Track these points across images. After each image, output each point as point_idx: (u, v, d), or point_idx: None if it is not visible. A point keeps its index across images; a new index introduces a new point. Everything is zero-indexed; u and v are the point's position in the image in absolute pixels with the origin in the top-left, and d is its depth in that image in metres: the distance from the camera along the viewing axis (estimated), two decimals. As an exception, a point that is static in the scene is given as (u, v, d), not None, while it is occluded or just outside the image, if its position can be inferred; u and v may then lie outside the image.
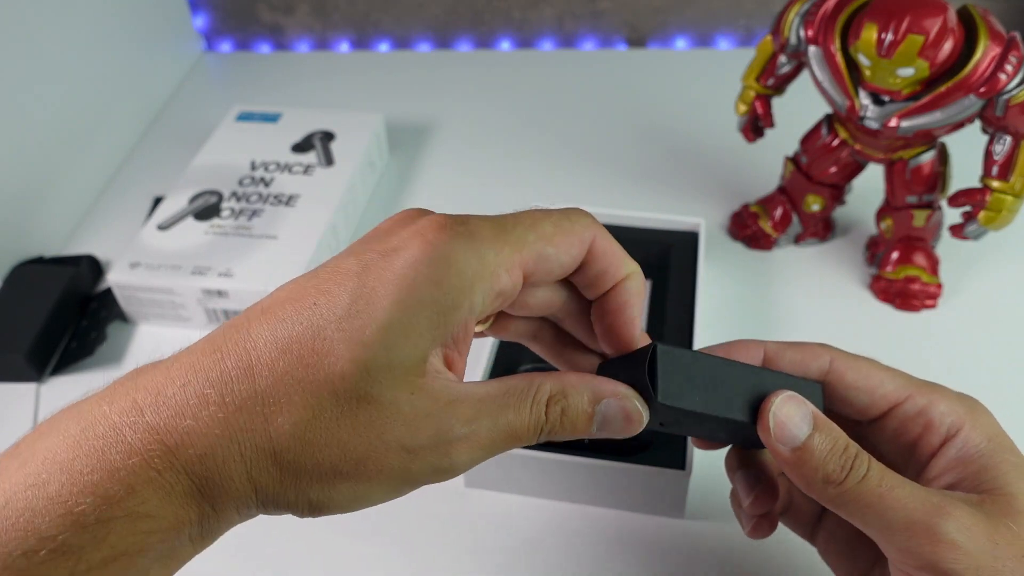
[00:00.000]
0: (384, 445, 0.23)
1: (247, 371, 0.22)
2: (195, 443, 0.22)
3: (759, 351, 0.31)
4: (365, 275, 0.23)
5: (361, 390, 0.23)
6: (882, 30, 0.44)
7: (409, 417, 0.23)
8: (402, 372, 0.23)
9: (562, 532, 0.43)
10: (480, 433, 0.25)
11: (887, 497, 0.26)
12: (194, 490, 0.22)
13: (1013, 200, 0.47)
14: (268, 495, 0.23)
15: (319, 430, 0.22)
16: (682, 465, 0.41)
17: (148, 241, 0.56)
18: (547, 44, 0.85)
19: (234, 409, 0.22)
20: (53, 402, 0.51)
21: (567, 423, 0.26)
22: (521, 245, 0.25)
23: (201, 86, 0.81)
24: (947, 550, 0.25)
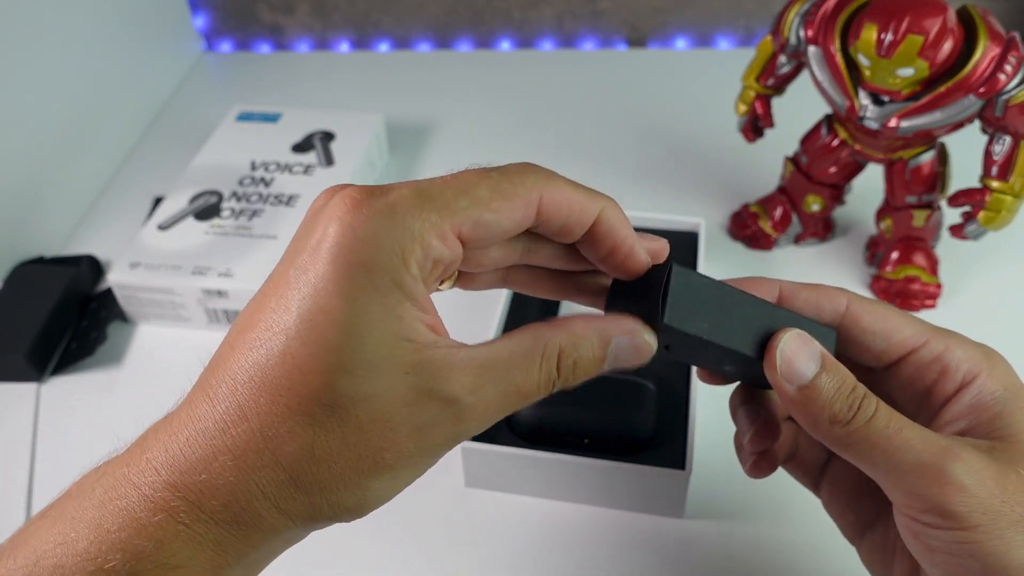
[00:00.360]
0: (394, 433, 0.23)
1: (240, 412, 0.22)
2: (215, 494, 0.22)
3: (774, 288, 0.30)
4: (303, 279, 0.23)
5: (350, 392, 0.22)
6: (882, 30, 0.44)
7: (409, 398, 0.23)
8: (384, 359, 0.22)
9: (562, 532, 0.43)
10: (488, 398, 0.24)
11: (895, 438, 0.26)
12: (225, 535, 0.22)
13: (1012, 200, 0.47)
14: (302, 517, 0.23)
15: (326, 444, 0.22)
16: (682, 465, 0.41)
17: (148, 241, 0.56)
18: (547, 44, 0.85)
19: (240, 453, 0.22)
20: (53, 402, 0.51)
21: (579, 372, 0.26)
22: (451, 211, 0.24)
23: (201, 86, 0.81)
24: (955, 492, 0.25)
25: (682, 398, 0.45)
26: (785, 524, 0.43)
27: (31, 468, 0.48)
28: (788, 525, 0.43)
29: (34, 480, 0.47)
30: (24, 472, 0.48)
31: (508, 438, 0.44)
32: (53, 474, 0.48)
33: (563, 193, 0.26)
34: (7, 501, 0.46)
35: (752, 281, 0.30)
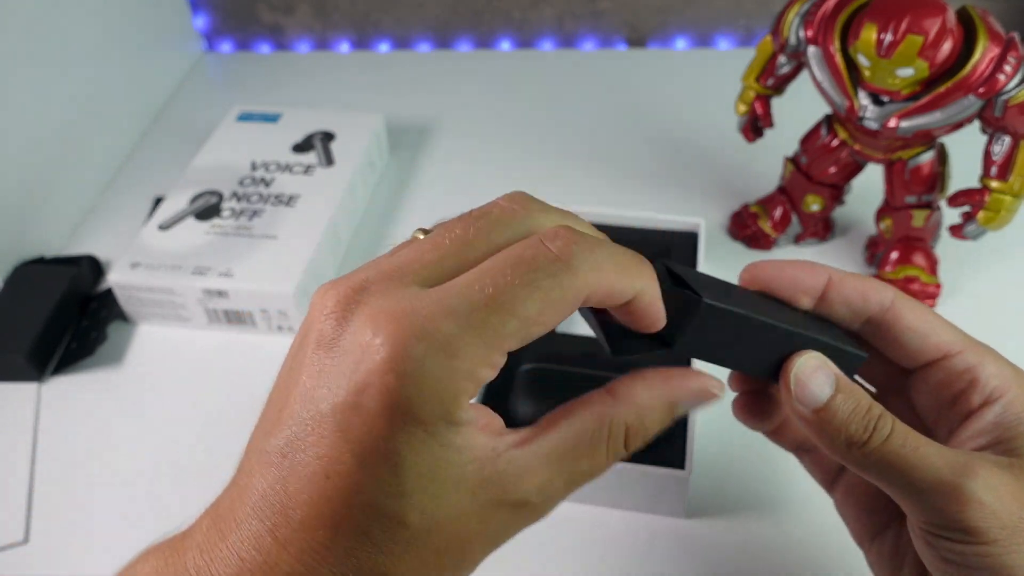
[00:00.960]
0: (471, 547, 0.23)
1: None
2: None
3: (823, 276, 0.30)
4: (349, 418, 0.20)
5: (419, 531, 0.21)
6: (881, 30, 0.44)
7: (481, 515, 0.22)
8: (451, 496, 0.22)
9: (562, 532, 0.43)
10: (556, 490, 0.24)
11: (911, 457, 0.26)
12: None
13: (1012, 200, 0.47)
14: None
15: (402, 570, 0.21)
16: (682, 465, 0.41)
17: (148, 241, 0.56)
18: (547, 44, 0.85)
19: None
20: (54, 402, 0.52)
21: (648, 439, 0.26)
22: (500, 339, 0.21)
23: (201, 86, 0.81)
24: (975, 509, 0.25)
25: (682, 398, 0.45)
26: (785, 524, 0.43)
27: (31, 468, 0.48)
28: (788, 525, 0.43)
29: (34, 480, 0.47)
30: (24, 472, 0.48)
31: (508, 438, 0.44)
32: (53, 474, 0.48)
33: (608, 281, 0.23)
34: (7, 501, 0.46)
35: (802, 265, 0.30)
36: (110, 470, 0.48)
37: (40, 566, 0.44)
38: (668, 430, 0.43)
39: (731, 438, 0.47)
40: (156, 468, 0.48)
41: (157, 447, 0.49)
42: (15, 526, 0.45)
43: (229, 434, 0.49)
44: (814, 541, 0.42)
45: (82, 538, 0.45)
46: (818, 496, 0.42)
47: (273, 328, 0.54)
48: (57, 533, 0.45)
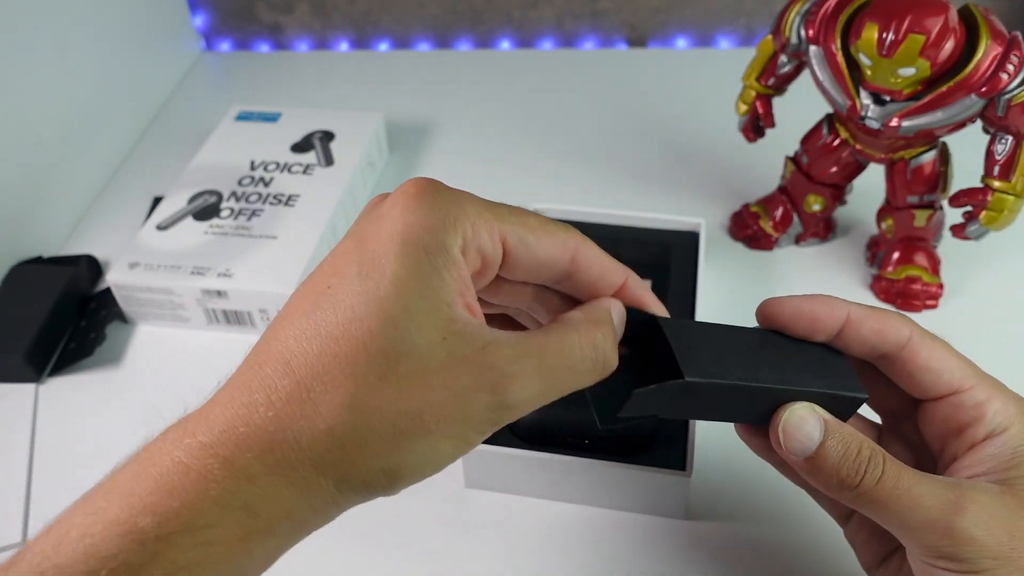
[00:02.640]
0: (432, 393, 0.23)
1: (286, 368, 0.23)
2: (250, 446, 0.22)
3: (841, 314, 0.31)
4: (363, 244, 0.24)
5: (393, 344, 0.23)
6: (883, 30, 0.44)
7: (446, 361, 0.23)
8: (426, 318, 0.23)
9: (562, 532, 0.43)
10: (528, 370, 0.25)
11: (904, 498, 0.27)
12: (257, 496, 0.22)
13: (1014, 200, 0.47)
14: (336, 477, 0.23)
15: (367, 396, 0.23)
16: (682, 466, 0.41)
17: (147, 241, 0.56)
18: (547, 44, 0.85)
19: (281, 404, 0.23)
20: (52, 402, 0.51)
21: (609, 345, 0.28)
22: (502, 218, 0.26)
23: (201, 86, 0.81)
24: (965, 544, 0.27)
25: (683, 398, 0.45)
26: (786, 525, 0.43)
27: (30, 468, 0.48)
28: (789, 526, 0.43)
29: (33, 480, 0.47)
30: (23, 472, 0.47)
31: (508, 439, 0.44)
32: (52, 474, 0.47)
33: (595, 251, 0.28)
34: (6, 501, 0.46)
35: (820, 303, 0.31)
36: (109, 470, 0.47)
37: (38, 567, 0.43)
38: (669, 431, 0.43)
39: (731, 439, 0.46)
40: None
41: (156, 448, 0.49)
42: (13, 527, 0.45)
43: (228, 435, 0.49)
44: (814, 542, 0.42)
45: (80, 539, 0.45)
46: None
47: (272, 328, 0.54)
48: (55, 534, 0.45)
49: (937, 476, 0.28)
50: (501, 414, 0.25)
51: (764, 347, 0.30)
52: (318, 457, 0.23)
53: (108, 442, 0.49)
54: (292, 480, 0.23)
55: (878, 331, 0.30)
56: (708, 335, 0.30)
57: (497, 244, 0.26)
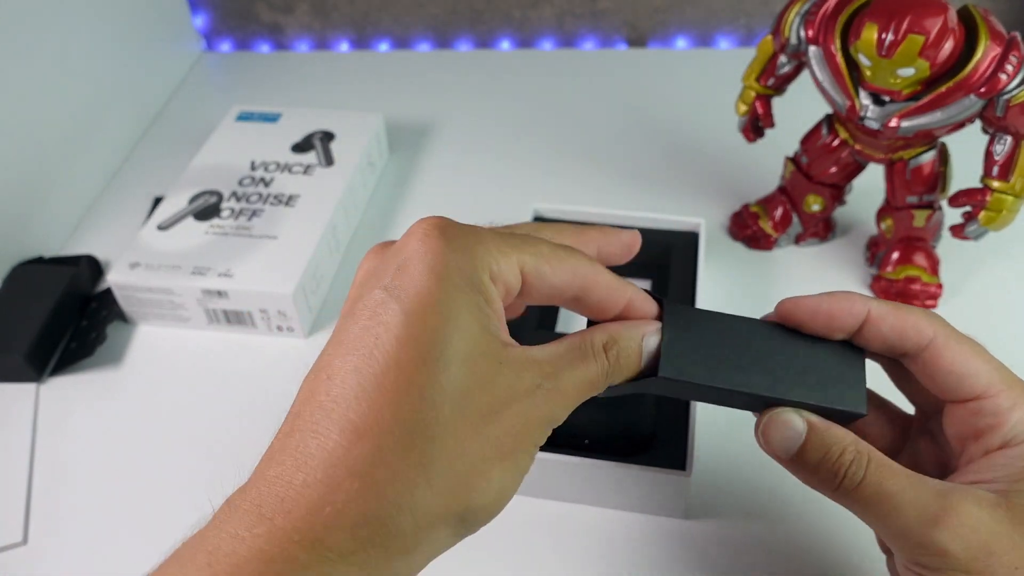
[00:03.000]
0: (503, 416, 0.25)
1: (356, 432, 0.22)
2: (341, 523, 0.22)
3: (861, 313, 0.30)
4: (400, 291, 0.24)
5: (462, 382, 0.24)
6: (882, 30, 0.44)
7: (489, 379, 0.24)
8: (471, 343, 0.24)
9: (562, 532, 0.43)
10: (562, 384, 0.26)
11: (884, 503, 0.28)
12: (354, 569, 0.22)
13: (1013, 200, 0.47)
14: (438, 520, 0.24)
15: (451, 438, 0.23)
16: (683, 466, 0.41)
17: (148, 241, 0.56)
18: (547, 44, 0.85)
19: (367, 471, 0.22)
20: (53, 402, 0.51)
21: (623, 363, 0.29)
22: (520, 250, 0.27)
23: (201, 86, 0.81)
24: (937, 556, 0.27)
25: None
26: (786, 524, 0.43)
27: (30, 469, 0.48)
28: (788, 526, 0.43)
29: (33, 481, 0.47)
30: (23, 473, 0.47)
31: (508, 438, 0.44)
32: (52, 475, 0.48)
33: (604, 279, 0.29)
34: (7, 501, 0.46)
35: (839, 300, 0.30)
36: (109, 471, 0.48)
37: (39, 567, 0.43)
38: (669, 430, 0.43)
39: (731, 439, 0.47)
40: (155, 469, 0.47)
41: (156, 448, 0.49)
42: (14, 527, 0.45)
43: (229, 434, 0.49)
44: (814, 542, 0.42)
45: (81, 539, 0.45)
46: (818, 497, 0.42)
47: (273, 328, 0.54)
48: (56, 534, 0.45)
49: (931, 481, 0.28)
50: (550, 423, 0.26)
51: (770, 344, 0.30)
52: (418, 508, 0.22)
53: (108, 442, 0.49)
54: (392, 544, 0.22)
55: (899, 330, 0.30)
56: (713, 327, 0.30)
57: (517, 275, 0.27)
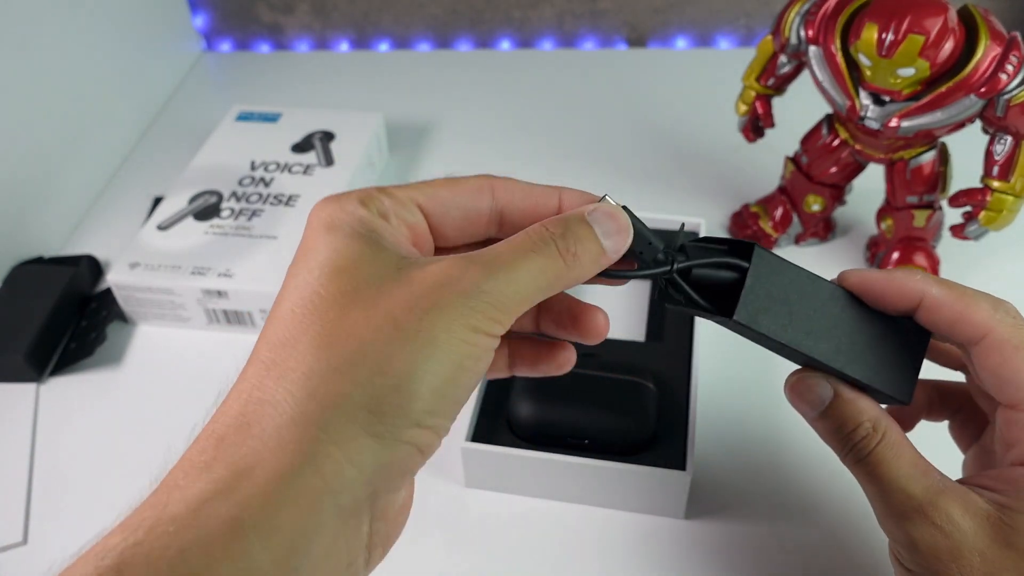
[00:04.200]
0: (416, 292, 0.24)
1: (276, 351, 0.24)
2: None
3: (914, 297, 0.30)
4: (299, 265, 0.26)
5: (354, 281, 0.24)
6: (883, 30, 0.44)
7: (363, 262, 0.24)
8: (344, 254, 0.24)
9: (562, 532, 0.43)
10: (502, 253, 0.25)
11: (878, 483, 0.29)
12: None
13: (1014, 200, 0.47)
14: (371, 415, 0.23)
15: (344, 323, 0.23)
16: (682, 466, 0.41)
17: (148, 241, 0.56)
18: (547, 44, 0.85)
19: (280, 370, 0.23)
20: (53, 402, 0.51)
21: (582, 251, 0.26)
22: (413, 188, 0.27)
23: (201, 86, 0.81)
24: (905, 546, 0.29)
25: (682, 398, 0.45)
26: (785, 524, 0.43)
27: (30, 468, 0.48)
28: (788, 525, 0.43)
29: (33, 481, 0.47)
30: (23, 473, 0.47)
31: (508, 439, 0.44)
32: (52, 475, 0.48)
33: (515, 184, 0.29)
34: (7, 500, 0.46)
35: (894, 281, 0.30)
36: (109, 470, 0.48)
37: (39, 567, 0.43)
38: (669, 430, 0.43)
39: (731, 439, 0.47)
40: (155, 469, 0.47)
41: (156, 448, 0.49)
42: (14, 527, 0.45)
43: (228, 434, 0.49)
44: (814, 541, 0.42)
45: (81, 539, 0.44)
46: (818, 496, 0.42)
47: (272, 328, 0.54)
48: (56, 534, 0.45)
49: (936, 474, 0.29)
50: (492, 311, 0.24)
51: (840, 313, 0.30)
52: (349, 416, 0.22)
53: (108, 441, 0.49)
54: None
55: (952, 321, 0.29)
56: (792, 281, 0.30)
57: (415, 210, 0.27)
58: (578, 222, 0.27)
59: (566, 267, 0.26)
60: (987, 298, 0.30)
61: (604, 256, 0.27)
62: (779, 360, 0.32)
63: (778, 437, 0.47)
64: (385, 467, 0.23)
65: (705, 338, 0.50)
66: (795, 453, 0.46)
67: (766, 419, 0.47)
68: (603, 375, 0.44)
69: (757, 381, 0.49)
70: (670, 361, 0.47)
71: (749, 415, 0.48)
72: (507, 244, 0.25)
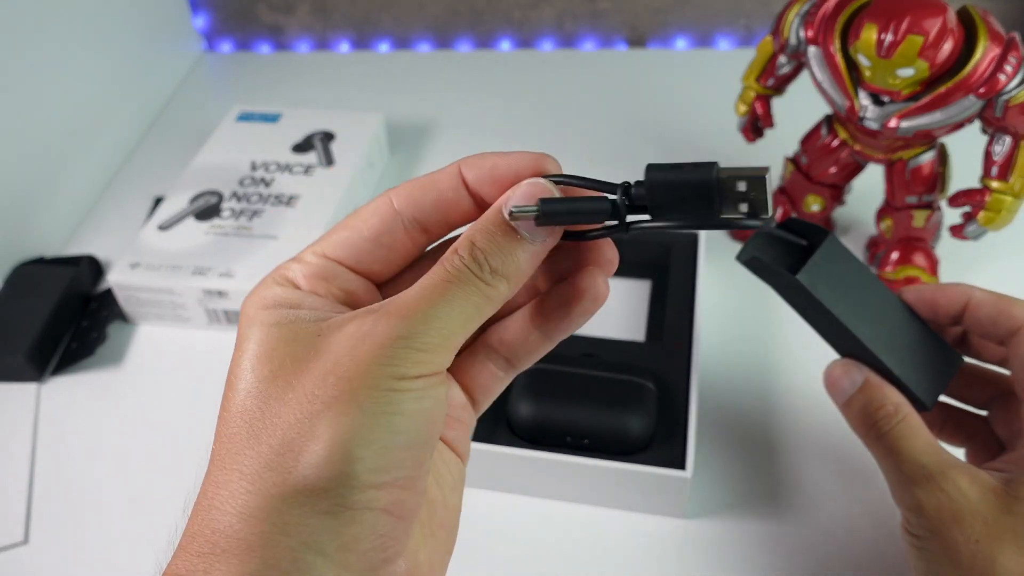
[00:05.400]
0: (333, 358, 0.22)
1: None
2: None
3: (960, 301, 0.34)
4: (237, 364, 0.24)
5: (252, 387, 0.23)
6: (882, 30, 0.44)
7: (278, 347, 0.23)
8: (260, 344, 0.24)
9: (562, 532, 0.43)
10: (414, 294, 0.23)
11: (894, 456, 0.32)
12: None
13: (1012, 200, 0.47)
14: (275, 494, 0.21)
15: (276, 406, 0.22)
16: (682, 465, 0.41)
17: (148, 241, 0.56)
18: (547, 44, 0.85)
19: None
20: (54, 402, 0.52)
21: (490, 247, 0.24)
22: (313, 247, 0.26)
23: (201, 86, 0.81)
24: (912, 513, 0.31)
25: (682, 398, 0.45)
26: (785, 524, 0.43)
27: (31, 468, 0.48)
28: (788, 525, 0.43)
29: (34, 480, 0.47)
30: (24, 472, 0.48)
31: (507, 438, 0.44)
32: (53, 474, 0.48)
33: (411, 182, 0.26)
34: (8, 500, 0.46)
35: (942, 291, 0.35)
36: (110, 470, 0.48)
37: (40, 566, 0.44)
38: (668, 430, 0.43)
39: (731, 438, 0.47)
40: (156, 468, 0.48)
41: (157, 447, 0.49)
42: (15, 526, 0.45)
43: (229, 434, 0.49)
44: (814, 541, 0.42)
45: (82, 538, 0.45)
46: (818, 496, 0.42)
47: (273, 328, 0.54)
48: (57, 533, 0.45)
49: (946, 453, 0.32)
50: (417, 355, 0.22)
51: (891, 312, 0.34)
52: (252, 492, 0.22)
53: (109, 442, 0.49)
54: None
55: (993, 316, 0.33)
56: (855, 271, 0.34)
57: (321, 262, 0.26)
58: (491, 232, 0.24)
59: (492, 289, 0.23)
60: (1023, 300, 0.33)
61: (538, 250, 0.24)
62: (779, 360, 0.32)
63: (778, 437, 0.47)
64: (353, 541, 0.21)
65: (705, 338, 0.50)
66: (795, 453, 0.46)
67: (766, 419, 0.48)
68: (603, 375, 0.44)
69: (757, 381, 0.49)
70: (670, 361, 0.47)
71: (749, 415, 0.48)
72: (418, 286, 0.23)
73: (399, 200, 0.26)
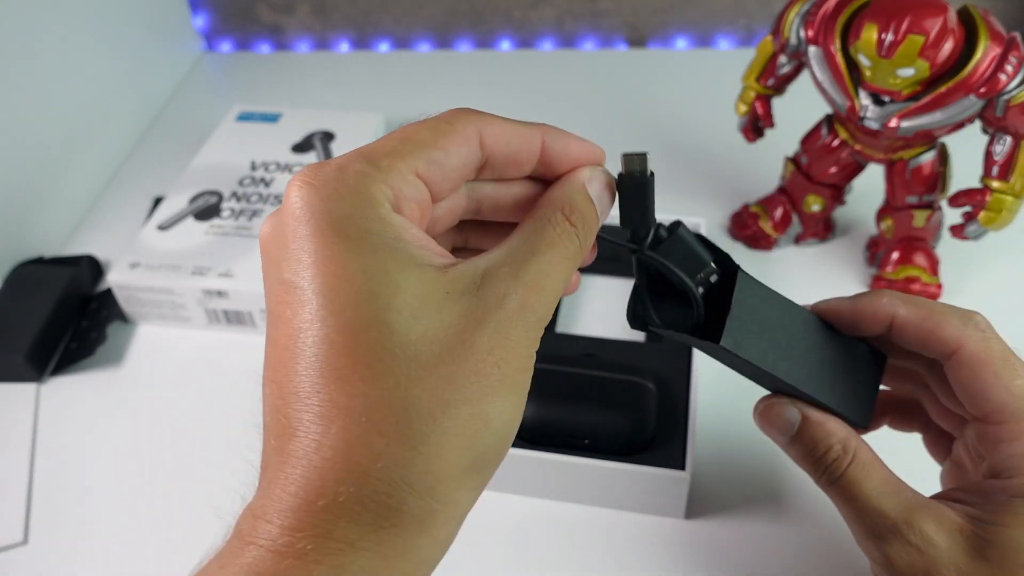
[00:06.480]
0: (475, 347, 0.22)
1: (325, 422, 0.21)
2: (340, 513, 0.20)
3: (886, 316, 0.31)
4: (301, 280, 0.21)
5: (370, 325, 0.21)
6: (882, 30, 0.44)
7: (436, 317, 0.22)
8: (399, 291, 0.21)
9: (562, 532, 0.43)
10: (531, 277, 0.23)
11: (851, 504, 0.30)
12: (363, 556, 0.20)
13: (1013, 200, 0.47)
14: (441, 478, 0.21)
15: (419, 390, 0.21)
16: (682, 465, 0.41)
17: (148, 241, 0.56)
18: (547, 44, 0.85)
19: (345, 455, 0.20)
20: (53, 402, 0.51)
21: (586, 221, 0.27)
22: (400, 155, 0.23)
23: (201, 86, 0.81)
24: (884, 568, 0.29)
25: (682, 398, 0.45)
26: (785, 524, 0.43)
27: (30, 469, 0.48)
28: (788, 525, 0.43)
29: (33, 481, 0.47)
30: (23, 473, 0.47)
31: (508, 438, 0.44)
32: (52, 475, 0.48)
33: (501, 126, 0.26)
34: (8, 501, 0.46)
35: (868, 300, 0.31)
36: (109, 470, 0.48)
37: (39, 566, 0.44)
38: (669, 430, 0.43)
39: (731, 438, 0.47)
40: (156, 468, 0.48)
41: (156, 447, 0.49)
42: (14, 526, 0.45)
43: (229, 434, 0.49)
44: (814, 541, 0.42)
45: (81, 538, 0.45)
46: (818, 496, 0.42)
47: (273, 328, 0.54)
48: (56, 534, 0.45)
49: (907, 492, 0.29)
50: (536, 327, 0.23)
51: (812, 337, 0.31)
52: (408, 474, 0.20)
53: (109, 441, 0.49)
54: (400, 516, 0.21)
55: (922, 339, 0.30)
56: (770, 308, 0.31)
57: (417, 184, 0.23)
58: (586, 203, 0.26)
59: (581, 257, 0.25)
60: (955, 312, 0.30)
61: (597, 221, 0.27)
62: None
63: (778, 437, 0.47)
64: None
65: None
66: (795, 453, 0.46)
67: (766, 419, 0.48)
68: (603, 375, 0.44)
69: (757, 381, 0.49)
70: (670, 361, 0.47)
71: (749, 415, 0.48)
72: (533, 247, 0.24)
73: (487, 136, 0.25)
